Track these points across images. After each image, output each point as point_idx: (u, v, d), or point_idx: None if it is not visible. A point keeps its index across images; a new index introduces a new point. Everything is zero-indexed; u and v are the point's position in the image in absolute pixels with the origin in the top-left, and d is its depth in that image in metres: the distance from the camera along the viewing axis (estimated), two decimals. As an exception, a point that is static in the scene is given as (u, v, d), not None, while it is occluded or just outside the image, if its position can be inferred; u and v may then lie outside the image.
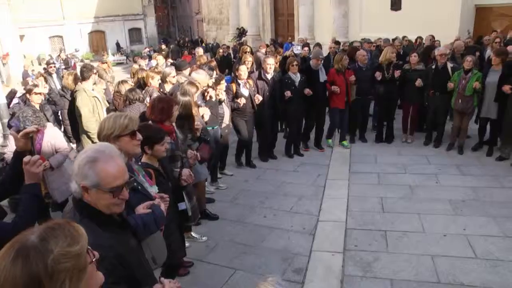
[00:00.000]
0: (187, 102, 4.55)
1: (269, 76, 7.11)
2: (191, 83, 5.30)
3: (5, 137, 6.38)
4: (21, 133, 2.43)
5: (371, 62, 8.86)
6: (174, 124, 4.06)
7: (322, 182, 6.43)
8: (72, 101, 6.29)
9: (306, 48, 10.33)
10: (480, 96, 6.93)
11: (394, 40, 11.22)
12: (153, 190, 2.78)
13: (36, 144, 4.42)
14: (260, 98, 6.81)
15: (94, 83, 6.43)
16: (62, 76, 10.15)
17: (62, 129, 7.47)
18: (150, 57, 14.48)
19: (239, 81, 6.71)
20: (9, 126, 5.77)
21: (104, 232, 1.78)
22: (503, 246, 4.48)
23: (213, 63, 8.50)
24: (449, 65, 7.42)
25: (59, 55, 25.67)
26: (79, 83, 6.29)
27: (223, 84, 6.27)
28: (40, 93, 5.74)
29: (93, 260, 1.31)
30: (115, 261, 1.74)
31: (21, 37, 27.72)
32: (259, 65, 9.97)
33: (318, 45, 11.41)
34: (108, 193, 1.81)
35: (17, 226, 2.13)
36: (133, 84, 7.12)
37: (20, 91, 8.16)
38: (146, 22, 37.03)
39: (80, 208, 1.83)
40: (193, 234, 4.92)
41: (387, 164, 7.04)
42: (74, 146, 6.97)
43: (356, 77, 7.57)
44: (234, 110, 6.67)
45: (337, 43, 11.56)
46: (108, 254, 1.67)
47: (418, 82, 7.36)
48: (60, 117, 7.79)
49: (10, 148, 4.51)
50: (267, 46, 12.87)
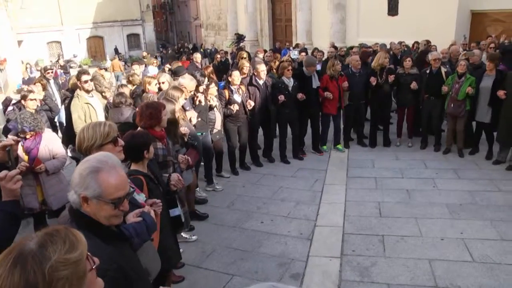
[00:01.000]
0: (171, 108, 4.54)
1: (260, 82, 7.12)
2: (176, 87, 5.27)
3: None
4: None
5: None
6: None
7: (319, 187, 6.42)
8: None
9: (303, 53, 10.37)
10: (473, 100, 6.93)
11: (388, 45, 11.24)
12: (140, 197, 2.76)
13: (34, 148, 4.43)
14: (252, 103, 6.82)
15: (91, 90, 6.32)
16: (62, 83, 10.17)
17: (60, 135, 7.45)
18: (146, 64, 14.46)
19: (232, 87, 6.69)
20: (6, 132, 5.75)
21: (104, 244, 1.73)
22: (500, 249, 4.49)
23: (210, 69, 8.46)
24: (443, 69, 7.45)
25: (57, 61, 25.67)
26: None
27: (213, 89, 6.27)
28: (35, 99, 5.72)
29: (93, 267, 1.29)
30: (117, 274, 1.69)
31: (19, 42, 27.70)
32: (256, 70, 10.02)
33: (317, 50, 11.44)
34: (110, 204, 1.77)
35: None
36: (132, 88, 7.12)
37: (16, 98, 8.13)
38: (144, 28, 37.11)
39: (78, 218, 1.78)
40: (183, 234, 4.90)
41: (384, 169, 7.04)
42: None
43: (349, 83, 7.57)
44: (227, 117, 6.69)
45: (335, 48, 11.61)
46: (110, 267, 1.63)
47: (414, 85, 7.38)
48: (56, 123, 7.77)
49: None
50: (265, 51, 12.90)
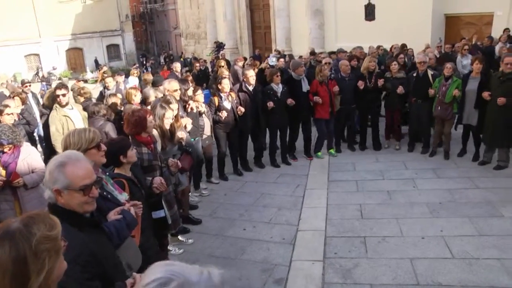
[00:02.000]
0: (161, 114, 4.72)
1: (250, 88, 7.15)
2: (170, 95, 5.40)
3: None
4: None
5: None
6: (152, 134, 4.18)
7: (301, 192, 6.45)
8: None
9: (281, 60, 10.44)
10: (460, 103, 6.95)
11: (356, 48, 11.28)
12: (122, 197, 2.91)
13: (12, 162, 4.36)
14: (243, 110, 6.83)
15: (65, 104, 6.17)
16: (42, 96, 10.04)
17: (39, 149, 7.35)
18: (127, 74, 14.36)
19: (221, 94, 6.75)
20: None
21: (79, 232, 1.95)
22: (478, 244, 4.59)
23: (189, 78, 8.46)
24: (430, 73, 7.48)
25: (36, 74, 25.30)
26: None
27: (200, 96, 6.30)
28: (12, 113, 5.64)
29: (65, 245, 1.51)
30: (90, 258, 1.90)
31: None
32: (236, 78, 10.08)
33: (291, 57, 11.52)
34: (79, 191, 1.99)
35: None
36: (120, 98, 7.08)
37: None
38: (124, 38, 36.72)
39: (55, 211, 1.93)
40: (179, 237, 5.10)
41: (365, 171, 7.11)
42: None
43: (339, 87, 7.59)
44: (217, 123, 6.73)
45: (312, 53, 11.73)
46: (83, 252, 1.88)
47: (400, 89, 7.42)
48: (35, 137, 7.66)
49: None
50: (245, 59, 12.98)
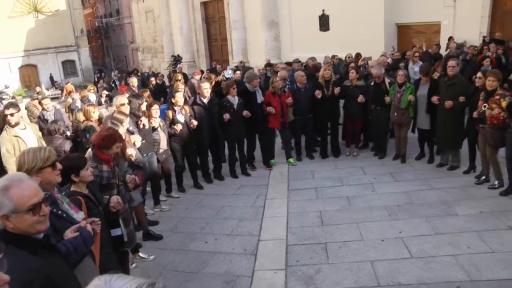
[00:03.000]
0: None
1: (205, 100, 7.14)
2: (120, 112, 5.29)
3: None
4: None
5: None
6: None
7: (261, 202, 6.43)
8: None
9: (238, 72, 10.45)
10: (414, 107, 7.19)
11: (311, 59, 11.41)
12: (78, 216, 2.82)
13: None
14: (195, 123, 6.81)
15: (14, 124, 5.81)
16: None
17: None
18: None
19: (175, 107, 6.77)
20: None
21: (31, 256, 1.85)
22: (435, 243, 4.72)
23: (147, 93, 8.26)
24: (387, 80, 7.69)
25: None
26: None
27: (154, 111, 6.23)
28: None
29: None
30: (45, 282, 1.79)
31: None
32: (193, 91, 9.99)
33: (247, 68, 11.55)
34: (27, 212, 1.85)
35: None
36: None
37: None
38: (79, 54, 35.68)
39: (4, 238, 1.85)
40: (141, 254, 4.99)
41: (324, 179, 7.17)
42: None
43: (295, 98, 7.62)
44: (172, 136, 6.73)
45: (268, 65, 11.83)
46: (37, 276, 1.77)
47: (360, 98, 7.54)
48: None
49: None
50: (202, 72, 12.91)
